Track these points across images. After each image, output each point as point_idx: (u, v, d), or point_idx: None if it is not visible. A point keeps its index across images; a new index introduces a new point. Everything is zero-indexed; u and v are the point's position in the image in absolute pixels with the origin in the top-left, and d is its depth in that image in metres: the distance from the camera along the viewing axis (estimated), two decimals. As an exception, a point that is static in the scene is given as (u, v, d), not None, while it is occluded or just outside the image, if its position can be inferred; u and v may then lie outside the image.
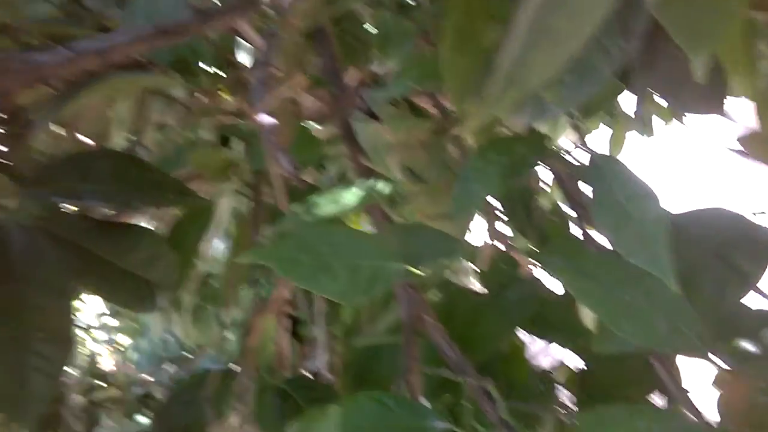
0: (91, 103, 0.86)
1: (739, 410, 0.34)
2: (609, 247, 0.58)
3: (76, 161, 0.53)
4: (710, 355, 0.40)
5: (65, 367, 0.46)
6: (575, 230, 0.65)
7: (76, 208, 0.55)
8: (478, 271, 0.70)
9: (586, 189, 0.55)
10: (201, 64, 0.72)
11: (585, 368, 0.61)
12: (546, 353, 0.76)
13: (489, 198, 0.60)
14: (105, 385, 0.97)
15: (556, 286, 0.66)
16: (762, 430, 0.33)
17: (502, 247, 0.46)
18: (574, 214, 0.64)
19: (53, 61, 0.54)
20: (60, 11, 0.95)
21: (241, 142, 0.77)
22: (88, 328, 0.83)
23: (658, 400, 0.60)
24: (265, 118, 0.48)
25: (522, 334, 0.68)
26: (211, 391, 0.57)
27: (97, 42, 0.56)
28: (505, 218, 0.76)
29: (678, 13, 0.34)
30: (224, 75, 1.06)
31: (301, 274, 0.34)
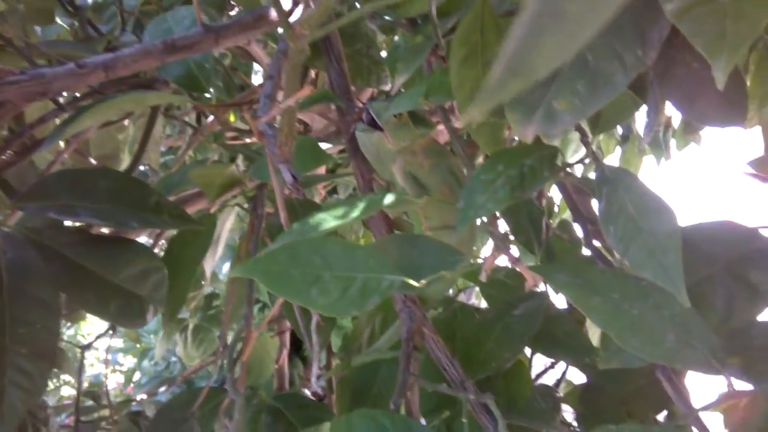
0: (100, 124, 0.86)
1: (757, 429, 0.32)
2: (617, 263, 0.57)
3: (74, 178, 0.53)
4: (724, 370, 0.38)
5: (47, 385, 0.44)
6: (584, 246, 0.64)
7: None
8: (481, 286, 0.69)
9: (595, 205, 0.53)
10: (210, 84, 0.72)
11: (588, 383, 0.60)
12: (551, 370, 0.75)
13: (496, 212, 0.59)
14: (102, 404, 0.95)
15: (561, 302, 0.65)
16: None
17: (507, 263, 0.45)
18: (582, 229, 0.63)
19: (59, 74, 0.53)
20: (72, 34, 0.96)
21: (246, 160, 0.77)
22: (88, 348, 0.82)
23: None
24: (268, 130, 0.47)
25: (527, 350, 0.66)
26: (200, 409, 0.56)
27: (104, 57, 0.56)
28: (511, 233, 0.76)
29: (699, 20, 0.33)
30: (233, 94, 1.07)
31: (290, 289, 0.33)
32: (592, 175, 0.46)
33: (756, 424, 0.33)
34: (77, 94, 0.74)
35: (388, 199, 0.43)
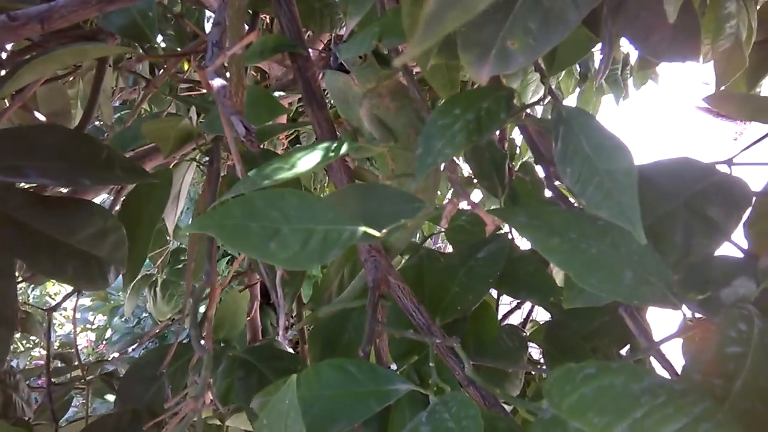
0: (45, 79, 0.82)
1: (707, 361, 0.33)
2: (578, 203, 0.57)
3: (18, 137, 0.50)
4: (681, 305, 0.39)
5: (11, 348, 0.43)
6: (546, 188, 0.64)
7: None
8: (447, 231, 0.69)
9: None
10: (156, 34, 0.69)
11: (552, 321, 0.61)
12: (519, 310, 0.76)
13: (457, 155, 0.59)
14: (73, 365, 0.95)
15: (525, 243, 0.65)
16: (730, 381, 0.32)
17: (467, 207, 0.45)
18: (543, 171, 0.63)
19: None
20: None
21: (202, 111, 0.75)
22: (55, 309, 0.81)
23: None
24: (217, 81, 0.45)
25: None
26: (170, 366, 0.56)
27: (38, 8, 0.52)
28: (474, 177, 0.75)
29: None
30: (185, 43, 1.03)
31: (248, 243, 0.32)
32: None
33: (710, 352, 0.34)
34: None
35: (345, 147, 0.42)
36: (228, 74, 0.46)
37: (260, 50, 0.54)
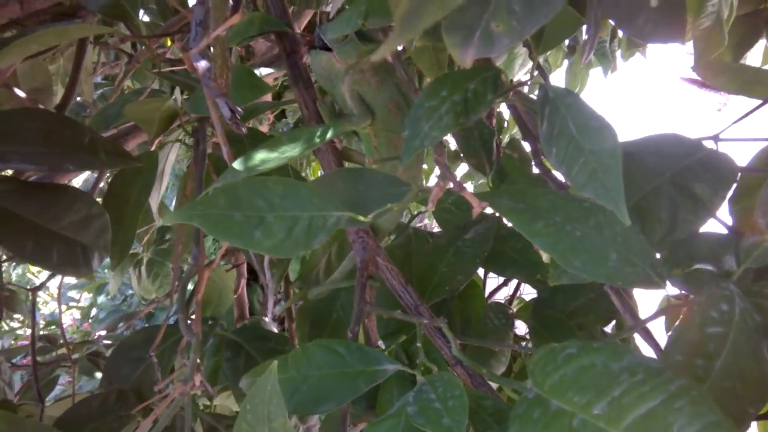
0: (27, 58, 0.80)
1: (689, 341, 0.34)
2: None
3: (0, 121, 0.49)
4: (665, 285, 0.39)
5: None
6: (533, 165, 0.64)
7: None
8: (435, 211, 0.69)
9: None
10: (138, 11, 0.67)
11: (539, 298, 0.62)
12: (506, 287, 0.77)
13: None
14: (59, 344, 0.95)
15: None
16: (711, 361, 0.33)
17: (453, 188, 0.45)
18: (531, 147, 0.63)
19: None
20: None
21: (186, 90, 0.73)
22: (39, 289, 0.80)
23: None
24: (202, 63, 0.45)
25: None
26: (158, 347, 0.56)
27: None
28: (462, 155, 0.75)
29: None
30: (168, 18, 1.00)
31: (232, 232, 0.32)
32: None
33: (691, 333, 0.34)
34: None
35: (330, 133, 0.42)
36: (212, 55, 0.45)
37: (245, 30, 0.53)
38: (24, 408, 0.74)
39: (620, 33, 1.56)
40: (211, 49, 0.46)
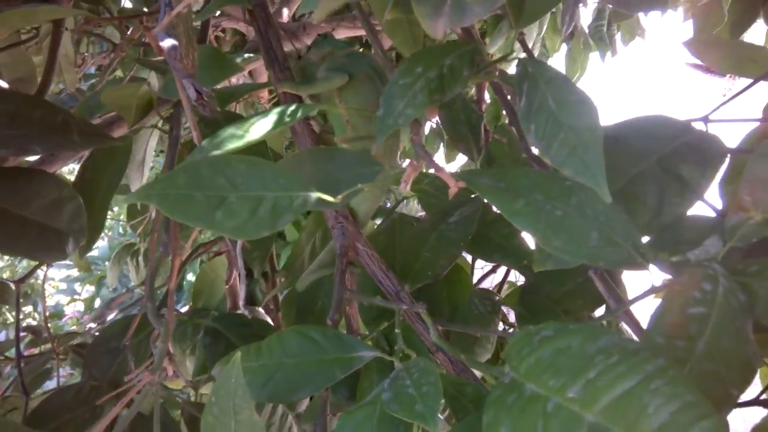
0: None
1: (670, 322, 0.32)
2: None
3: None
4: (648, 265, 0.38)
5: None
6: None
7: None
8: (419, 195, 0.68)
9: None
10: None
11: (526, 284, 0.61)
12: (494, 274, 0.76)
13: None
14: (43, 337, 0.94)
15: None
16: (692, 342, 0.31)
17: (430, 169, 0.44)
18: (518, 131, 0.61)
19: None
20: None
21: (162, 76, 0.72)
22: (23, 281, 0.79)
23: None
24: (167, 42, 0.43)
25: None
26: (135, 337, 0.55)
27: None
28: (450, 140, 0.74)
29: None
30: (151, 4, 0.99)
31: (192, 213, 0.31)
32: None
33: (673, 314, 0.33)
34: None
35: (301, 111, 0.40)
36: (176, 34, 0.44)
37: (216, 3, 0.51)
38: (10, 400, 0.73)
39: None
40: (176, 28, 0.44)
